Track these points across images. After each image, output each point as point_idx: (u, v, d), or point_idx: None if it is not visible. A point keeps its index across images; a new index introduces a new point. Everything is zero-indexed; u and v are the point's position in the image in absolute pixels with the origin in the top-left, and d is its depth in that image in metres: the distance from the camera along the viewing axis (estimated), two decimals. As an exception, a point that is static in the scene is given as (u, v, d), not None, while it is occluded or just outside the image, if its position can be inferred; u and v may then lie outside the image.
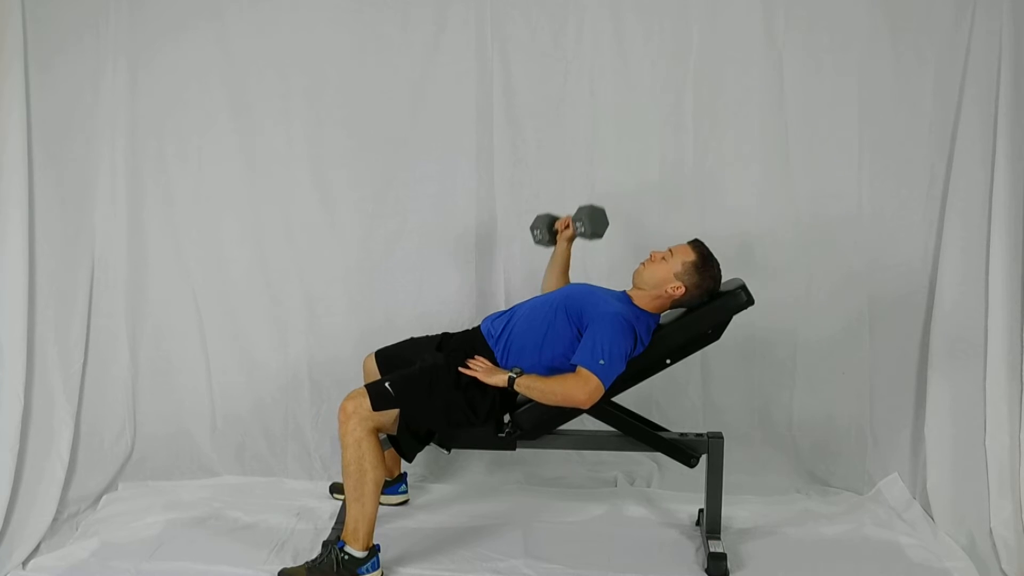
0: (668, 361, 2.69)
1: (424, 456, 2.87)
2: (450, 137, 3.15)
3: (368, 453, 2.49)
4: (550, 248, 2.95)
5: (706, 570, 2.63)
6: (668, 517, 2.98)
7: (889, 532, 2.88)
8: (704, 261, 2.62)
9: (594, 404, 2.51)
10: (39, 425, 2.94)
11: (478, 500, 3.09)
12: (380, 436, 2.55)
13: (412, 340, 2.87)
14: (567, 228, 2.89)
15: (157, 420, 3.28)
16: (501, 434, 2.68)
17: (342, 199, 3.19)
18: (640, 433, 2.73)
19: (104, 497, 3.09)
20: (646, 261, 2.67)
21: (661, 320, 2.70)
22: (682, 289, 2.60)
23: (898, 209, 3.05)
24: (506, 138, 3.15)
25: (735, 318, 2.67)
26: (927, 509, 2.97)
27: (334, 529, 2.77)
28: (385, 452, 2.57)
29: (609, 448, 2.94)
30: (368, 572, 2.53)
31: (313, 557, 2.56)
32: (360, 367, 2.91)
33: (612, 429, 2.72)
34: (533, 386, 2.52)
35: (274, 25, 3.10)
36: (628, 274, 2.72)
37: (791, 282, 3.13)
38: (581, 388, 2.48)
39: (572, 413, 2.65)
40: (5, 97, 2.82)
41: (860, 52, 2.99)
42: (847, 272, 3.11)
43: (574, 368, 2.51)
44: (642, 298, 2.65)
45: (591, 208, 2.85)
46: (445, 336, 2.83)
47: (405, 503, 3.06)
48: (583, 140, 3.13)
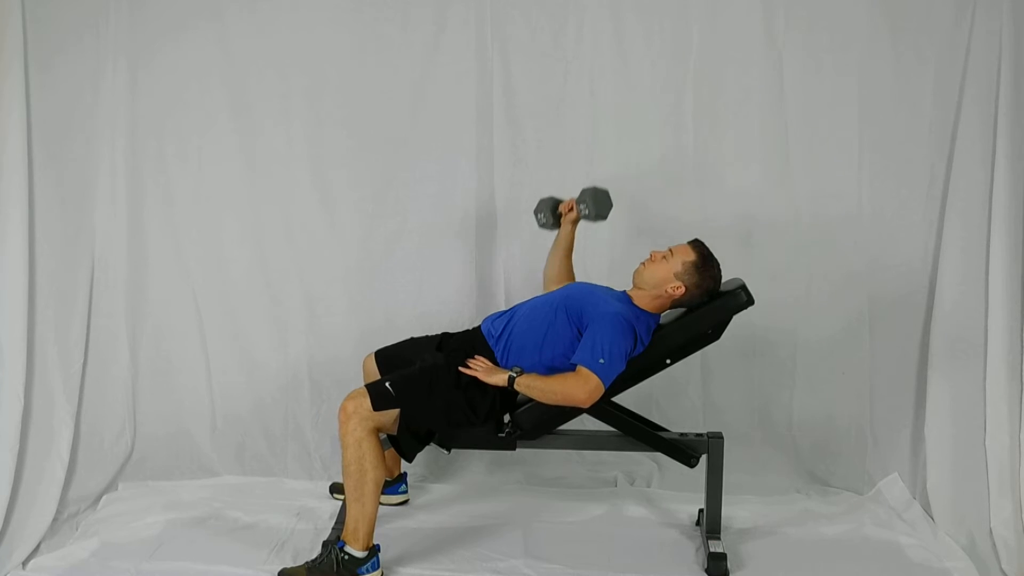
0: (668, 361, 2.69)
1: (424, 456, 2.87)
2: (450, 137, 3.15)
3: (368, 453, 2.49)
4: (554, 232, 2.95)
5: (706, 570, 2.63)
6: (668, 517, 2.98)
7: (889, 532, 2.88)
8: (704, 261, 2.62)
9: (594, 404, 2.52)
10: (39, 425, 2.94)
11: (478, 500, 3.09)
12: (380, 436, 2.55)
13: (412, 340, 2.87)
14: (571, 211, 2.88)
15: (157, 420, 3.28)
16: (501, 434, 2.68)
17: (342, 199, 3.19)
18: (640, 433, 2.73)
19: (104, 497, 3.09)
20: (646, 261, 2.67)
21: (661, 320, 2.70)
22: (682, 289, 2.60)
23: (898, 209, 3.05)
24: (506, 138, 3.15)
25: (735, 318, 2.67)
26: (927, 509, 2.97)
27: (334, 529, 2.77)
28: (385, 452, 2.57)
29: (609, 448, 2.94)
30: (368, 572, 2.53)
31: (313, 557, 2.56)
32: (360, 367, 2.91)
33: (612, 429, 2.72)
34: (533, 385, 2.52)
35: (274, 25, 3.10)
36: (628, 274, 2.72)
37: (791, 282, 3.13)
38: (581, 387, 2.48)
39: (572, 413, 2.65)
40: (5, 97, 2.82)
41: (860, 52, 2.99)
42: (847, 272, 3.11)
43: (574, 367, 2.51)
44: (642, 298, 2.65)
45: (594, 190, 2.83)
46: (445, 336, 2.83)
47: (405, 503, 3.06)
48: (583, 140, 3.13)
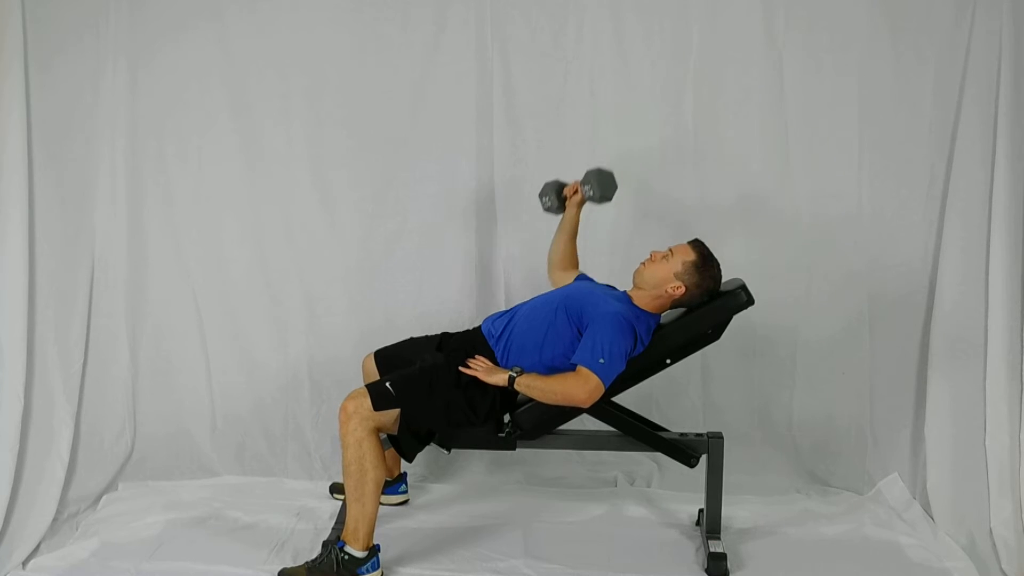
0: (668, 361, 2.69)
1: (424, 456, 2.87)
2: (450, 137, 3.15)
3: (369, 453, 2.49)
4: (558, 216, 2.94)
5: (706, 570, 2.63)
6: (668, 517, 2.98)
7: (889, 532, 2.88)
8: (704, 261, 2.61)
9: (594, 404, 2.51)
10: (39, 425, 2.94)
11: (478, 500, 3.09)
12: (380, 436, 2.55)
13: (411, 340, 2.87)
14: (575, 193, 2.88)
15: (157, 420, 3.27)
16: (501, 434, 2.67)
17: (342, 199, 3.19)
18: (640, 433, 2.73)
19: (104, 497, 3.09)
20: (646, 261, 2.67)
21: (661, 320, 2.70)
22: (682, 289, 2.60)
23: (898, 209, 3.05)
24: (506, 138, 3.15)
25: (735, 318, 2.67)
26: (927, 509, 2.97)
27: (334, 529, 2.77)
28: (385, 452, 2.57)
29: (609, 448, 2.93)
30: (368, 572, 2.53)
31: (313, 557, 2.56)
32: (360, 367, 2.91)
33: (612, 429, 2.72)
34: (533, 385, 2.52)
35: (274, 25, 3.10)
36: (629, 273, 2.71)
37: (791, 282, 3.13)
38: (581, 387, 2.48)
39: (572, 413, 2.65)
40: (5, 97, 2.82)
41: (860, 52, 2.99)
42: (847, 272, 3.11)
43: (574, 367, 2.51)
44: (642, 298, 2.65)
45: (599, 171, 2.83)
46: (445, 336, 2.83)
47: (405, 503, 3.06)
48: (583, 140, 3.13)
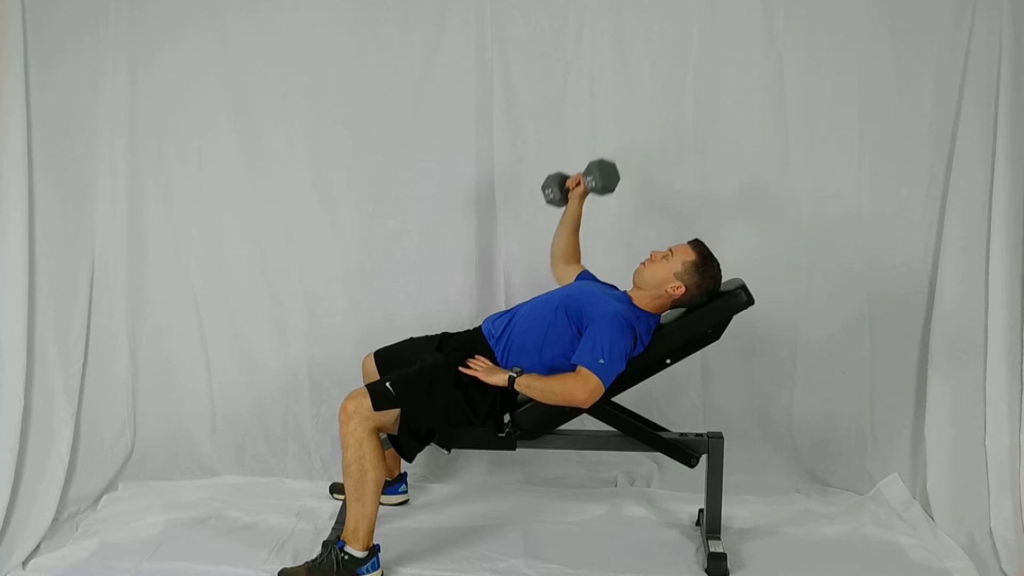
0: (668, 361, 2.69)
1: (424, 456, 2.87)
2: (450, 137, 3.15)
3: (369, 453, 2.49)
4: (561, 208, 2.94)
5: (706, 570, 2.63)
6: (668, 517, 2.98)
7: (889, 532, 2.88)
8: (704, 261, 2.61)
9: (594, 404, 2.51)
10: (39, 425, 2.94)
11: (478, 500, 3.09)
12: (380, 436, 2.55)
13: (411, 340, 2.87)
14: (578, 185, 2.88)
15: (157, 420, 3.27)
16: (501, 434, 2.67)
17: (342, 199, 3.19)
18: (640, 433, 2.73)
19: (104, 497, 3.09)
20: (646, 261, 2.67)
21: (661, 320, 2.70)
22: (682, 289, 2.60)
23: (898, 209, 3.05)
24: (506, 138, 3.15)
25: (735, 318, 2.67)
26: (927, 509, 2.97)
27: (334, 529, 2.77)
28: (385, 452, 2.57)
29: (609, 448, 2.93)
30: (368, 572, 2.53)
31: (313, 557, 2.56)
32: (360, 367, 2.91)
33: (612, 429, 2.72)
34: (533, 385, 2.52)
35: (274, 25, 3.10)
36: (628, 273, 2.71)
37: (791, 282, 3.13)
38: (581, 387, 2.48)
39: (572, 413, 2.65)
40: (5, 97, 2.82)
41: (860, 52, 2.99)
42: (847, 272, 3.11)
43: (574, 368, 2.51)
44: (642, 298, 2.65)
45: (601, 162, 2.83)
46: (445, 336, 2.83)
47: (405, 503, 3.06)
48: (583, 140, 3.13)
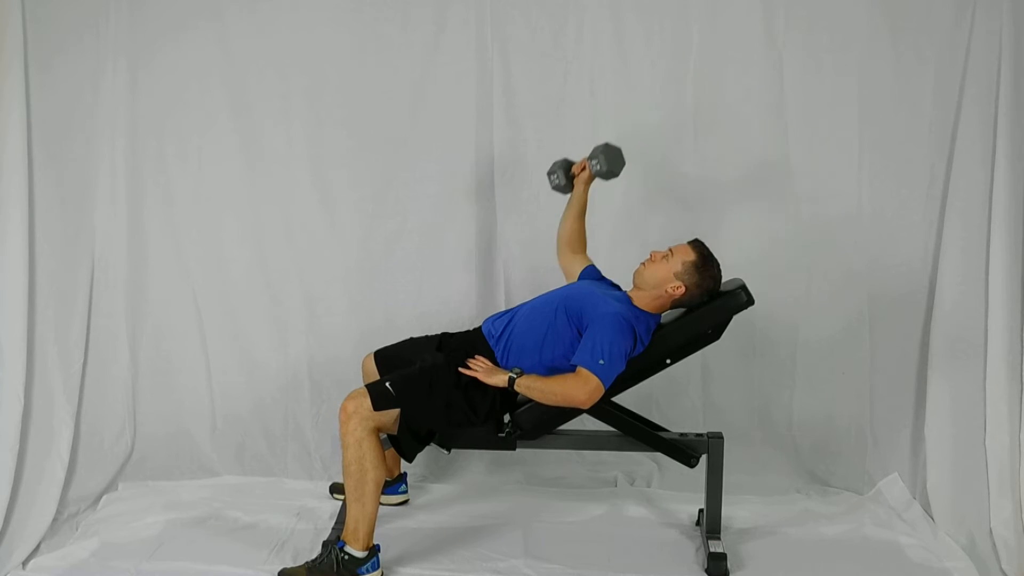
0: (668, 361, 2.69)
1: (424, 456, 2.87)
2: (450, 137, 3.15)
3: (369, 453, 2.49)
4: (567, 195, 2.93)
5: (706, 570, 2.63)
6: (668, 517, 2.98)
7: (889, 532, 2.88)
8: (704, 261, 2.61)
9: (594, 404, 2.51)
10: (39, 425, 2.94)
11: (478, 500, 3.09)
12: (380, 436, 2.55)
13: (411, 340, 2.87)
14: (583, 170, 2.87)
15: (157, 420, 3.27)
16: (501, 434, 2.67)
17: (342, 199, 3.19)
18: (640, 433, 2.73)
19: (104, 497, 3.09)
20: (646, 261, 2.67)
21: (661, 320, 2.70)
22: (682, 289, 2.60)
23: (898, 209, 3.05)
24: (506, 138, 3.15)
25: (735, 318, 2.67)
26: (927, 509, 2.97)
27: (334, 529, 2.77)
28: (385, 452, 2.57)
29: (609, 448, 2.93)
30: (368, 572, 2.53)
31: (313, 557, 2.56)
32: (360, 367, 2.91)
33: (612, 429, 2.72)
34: (533, 386, 2.52)
35: (274, 25, 3.10)
36: (630, 270, 2.71)
37: (791, 282, 3.13)
38: (581, 388, 2.48)
39: (572, 413, 2.65)
40: (5, 97, 2.81)
41: (860, 52, 2.99)
42: (847, 272, 3.11)
43: (574, 368, 2.51)
44: (642, 298, 2.65)
45: (606, 146, 2.81)
46: (445, 336, 2.83)
47: (405, 503, 3.06)
48: (583, 140, 3.11)
